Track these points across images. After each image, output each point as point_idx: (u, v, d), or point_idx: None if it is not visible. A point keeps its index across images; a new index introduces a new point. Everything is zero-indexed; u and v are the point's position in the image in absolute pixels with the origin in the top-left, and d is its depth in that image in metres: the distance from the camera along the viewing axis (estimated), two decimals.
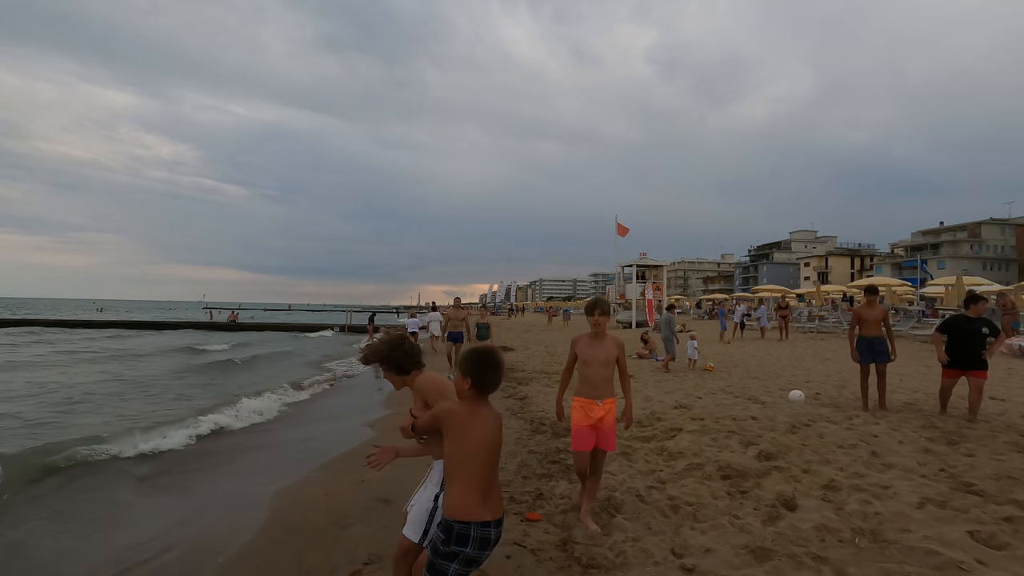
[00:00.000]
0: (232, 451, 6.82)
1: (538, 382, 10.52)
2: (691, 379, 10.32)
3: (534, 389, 9.63)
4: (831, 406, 7.44)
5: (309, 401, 10.38)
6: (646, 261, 33.24)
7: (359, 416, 8.35)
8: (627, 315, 32.45)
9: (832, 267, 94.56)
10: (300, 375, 13.77)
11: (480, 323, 11.98)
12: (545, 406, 7.94)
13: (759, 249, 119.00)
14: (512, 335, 26.13)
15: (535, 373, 11.84)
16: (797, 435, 5.77)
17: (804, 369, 11.64)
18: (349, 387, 12.41)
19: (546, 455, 5.43)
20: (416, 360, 2.58)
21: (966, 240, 79.94)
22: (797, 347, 16.37)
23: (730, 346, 18.01)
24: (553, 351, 17.00)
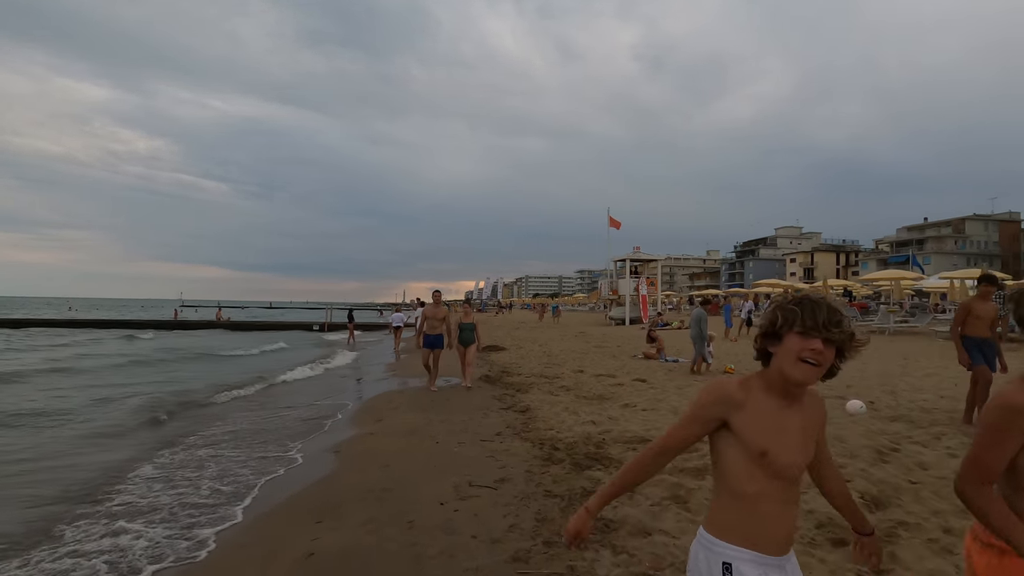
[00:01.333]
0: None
1: (539, 389, 9.11)
2: None
3: (536, 398, 8.22)
4: (901, 420, 6.15)
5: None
6: (639, 255, 32.03)
7: (326, 436, 6.86)
8: (620, 311, 31.22)
9: (818, 263, 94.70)
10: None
11: (464, 323, 9.56)
12: (554, 422, 6.53)
13: (745, 245, 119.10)
14: (502, 333, 24.69)
15: (534, 378, 10.41)
16: (892, 466, 4.44)
17: None
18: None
19: (570, 499, 4.02)
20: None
21: (950, 236, 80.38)
22: None
23: (737, 344, 16.80)
24: (549, 350, 15.61)
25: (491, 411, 7.46)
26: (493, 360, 13.78)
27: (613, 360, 12.86)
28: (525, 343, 18.70)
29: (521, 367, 12.16)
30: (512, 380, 10.14)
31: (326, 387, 11.26)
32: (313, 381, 12.26)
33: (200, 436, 6.82)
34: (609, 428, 6.09)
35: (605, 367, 11.59)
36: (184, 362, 16.57)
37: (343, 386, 11.34)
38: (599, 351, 15.05)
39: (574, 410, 7.22)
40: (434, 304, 9.68)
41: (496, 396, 8.60)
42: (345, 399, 9.48)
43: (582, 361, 12.82)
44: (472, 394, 8.83)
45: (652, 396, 8.05)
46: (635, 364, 12.04)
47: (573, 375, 10.55)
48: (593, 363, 12.40)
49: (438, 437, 5.99)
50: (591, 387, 9.05)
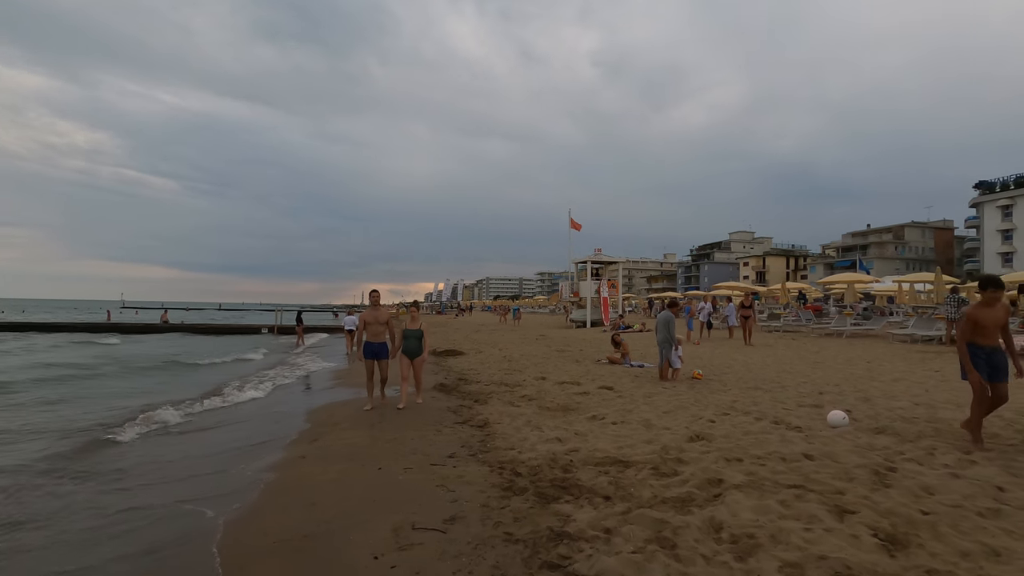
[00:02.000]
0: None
1: (499, 399, 8.38)
2: (685, 392, 8.49)
3: (496, 410, 7.49)
4: (886, 432, 5.72)
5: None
6: (600, 257, 31.75)
7: (249, 459, 5.91)
8: (581, 313, 30.86)
9: (769, 266, 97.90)
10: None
11: (409, 330, 8.02)
12: (516, 439, 5.81)
13: (700, 249, 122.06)
14: (460, 336, 23.87)
15: (493, 386, 9.68)
16: (897, 491, 3.93)
17: (801, 375, 10.10)
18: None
19: (535, 546, 3.29)
20: None
21: (891, 241, 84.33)
22: (776, 348, 15.03)
23: (700, 348, 16.56)
24: (509, 355, 14.91)
25: (445, 426, 6.68)
26: (450, 366, 12.97)
27: (576, 365, 12.27)
28: (484, 347, 17.95)
29: (480, 374, 11.41)
30: (470, 389, 9.38)
31: (264, 398, 10.20)
32: (249, 390, 11.15)
33: (100, 479, 5.76)
34: (577, 446, 5.42)
35: (569, 373, 10.97)
36: (114, 377, 15.00)
37: (282, 398, 10.31)
38: (561, 356, 14.46)
39: (537, 424, 6.53)
40: (373, 307, 8.11)
41: (452, 408, 7.81)
42: (281, 412, 8.50)
43: (544, 367, 12.18)
44: (425, 406, 8.02)
45: (620, 406, 7.44)
46: (599, 370, 11.48)
47: (535, 383, 9.88)
48: (556, 369, 11.77)
49: (382, 461, 5.18)
50: (555, 396, 8.39)
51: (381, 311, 8.06)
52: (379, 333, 7.94)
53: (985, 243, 69.56)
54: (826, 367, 11.16)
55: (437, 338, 22.73)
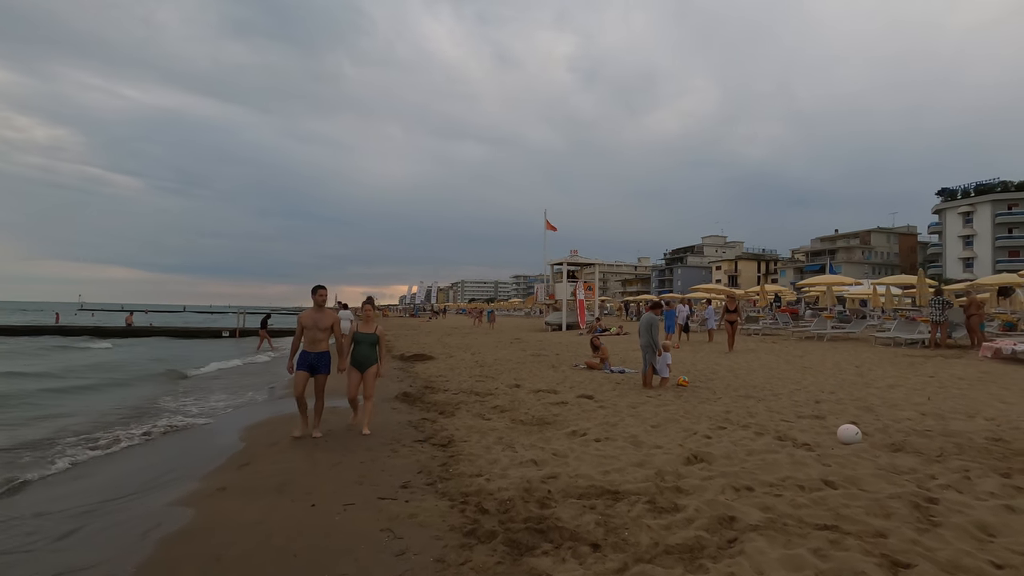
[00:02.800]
0: None
1: (468, 410, 7.48)
2: (672, 402, 7.74)
3: (463, 424, 6.60)
4: (905, 450, 5.03)
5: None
6: (576, 259, 31.12)
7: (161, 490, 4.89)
8: (557, 316, 30.16)
9: (741, 270, 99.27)
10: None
11: (361, 334, 6.48)
12: (484, 462, 4.93)
13: (674, 253, 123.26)
14: (432, 339, 22.88)
15: (463, 395, 8.77)
16: (950, 532, 3.19)
17: (791, 381, 9.48)
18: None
19: None
20: None
21: (858, 246, 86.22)
22: (759, 353, 14.48)
23: (680, 351, 15.94)
24: (482, 360, 14.01)
25: (403, 445, 5.76)
26: (417, 372, 12.01)
27: (553, 372, 11.45)
28: (456, 351, 17.02)
29: (448, 380, 10.49)
30: (436, 399, 8.46)
31: (201, 412, 9.10)
32: (185, 402, 10.00)
33: None
34: (555, 471, 4.58)
35: (545, 380, 10.15)
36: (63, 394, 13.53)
37: (221, 410, 9.21)
38: (537, 361, 13.63)
39: (510, 442, 5.67)
40: (315, 309, 6.26)
41: (413, 422, 6.89)
42: (216, 429, 7.45)
43: (518, 373, 11.33)
44: (383, 419, 7.07)
45: (603, 419, 6.63)
46: (577, 376, 10.68)
47: (508, 391, 9.02)
48: (531, 375, 10.93)
49: (317, 494, 4.23)
50: (530, 407, 7.54)
51: (325, 314, 6.28)
52: (319, 340, 6.21)
53: (947, 248, 71.63)
54: (815, 372, 10.58)
55: (406, 342, 21.70)
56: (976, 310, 13.21)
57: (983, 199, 67.46)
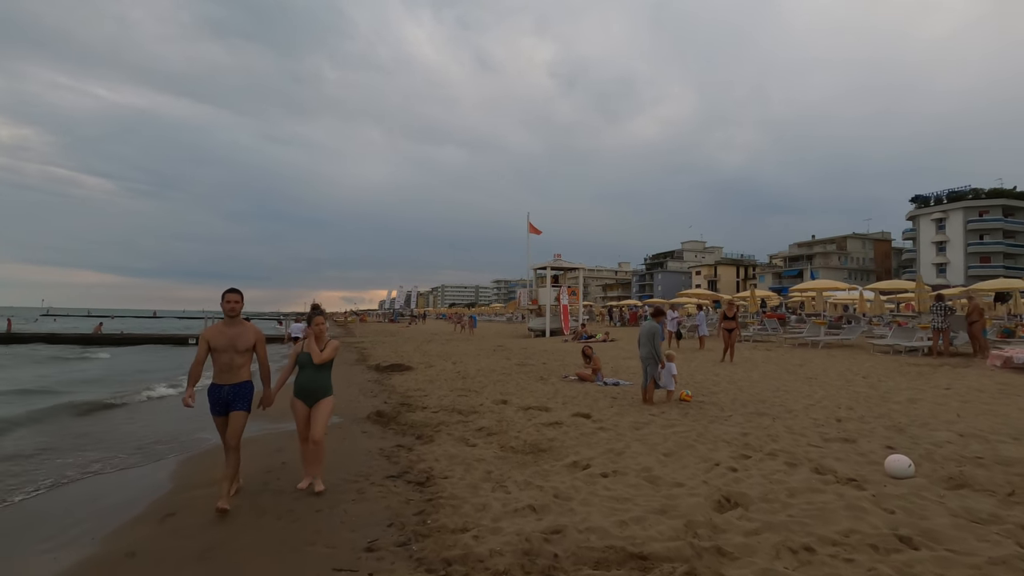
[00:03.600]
0: None
1: (449, 434, 6.53)
2: (679, 420, 6.90)
3: (445, 453, 5.65)
4: (970, 486, 4.25)
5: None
6: (560, 263, 30.32)
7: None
8: (540, 322, 29.31)
9: (721, 275, 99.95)
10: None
11: (305, 355, 4.76)
12: (471, 510, 3.99)
13: (654, 258, 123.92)
14: (411, 347, 21.80)
15: (444, 413, 7.81)
16: None
17: (800, 394, 8.75)
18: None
19: None
20: None
21: (835, 252, 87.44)
22: (755, 361, 13.78)
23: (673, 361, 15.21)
24: (464, 370, 13.04)
25: (372, 483, 4.79)
26: (393, 385, 10.99)
27: (542, 384, 10.56)
28: (436, 360, 16.01)
29: (428, 395, 9.51)
30: (413, 418, 7.48)
31: (139, 438, 7.97)
32: (120, 426, 8.85)
33: None
34: (560, 522, 3.68)
35: (534, 395, 9.25)
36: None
37: (163, 437, 8.08)
38: (523, 371, 12.73)
39: (500, 478, 4.75)
40: (227, 322, 4.41)
41: (386, 450, 5.91)
42: (147, 461, 6.36)
43: (505, 385, 10.41)
44: (351, 446, 6.10)
45: (606, 445, 5.75)
46: (569, 389, 9.81)
47: (495, 408, 8.09)
48: (518, 388, 10.02)
49: (252, 565, 3.26)
50: (520, 429, 6.63)
51: (243, 329, 4.42)
52: (236, 368, 4.34)
53: (921, 254, 72.83)
54: (823, 384, 9.88)
55: (383, 350, 20.61)
56: (978, 316, 12.73)
57: (955, 206, 68.81)
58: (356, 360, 17.06)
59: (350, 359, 17.53)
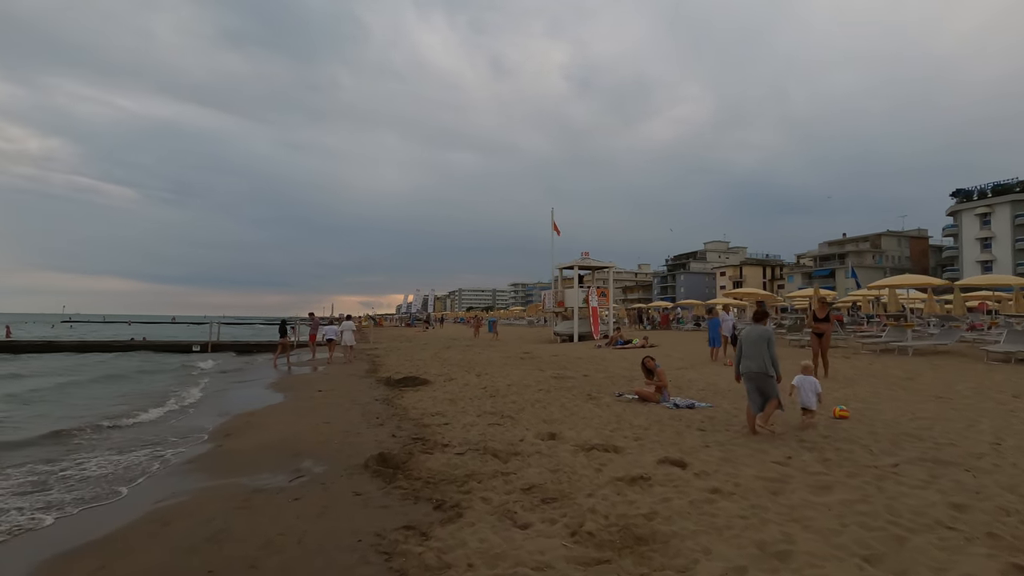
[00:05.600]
0: None
1: (484, 500, 4.28)
2: (820, 469, 4.59)
3: (481, 545, 3.43)
4: None
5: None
6: (588, 262, 27.95)
7: None
8: (567, 326, 26.99)
9: (746, 276, 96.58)
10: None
11: None
12: None
13: (676, 259, 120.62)
14: (428, 354, 19.62)
15: (472, 456, 5.56)
16: None
17: (958, 427, 6.37)
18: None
19: None
20: None
21: (869, 250, 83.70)
22: (845, 372, 11.27)
23: (731, 368, 12.83)
24: (492, 385, 10.78)
25: None
26: (405, 407, 8.78)
27: (593, 405, 8.29)
28: (456, 370, 13.82)
29: (449, 424, 7.29)
30: (430, 466, 5.25)
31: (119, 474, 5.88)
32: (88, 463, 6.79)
33: None
34: None
35: (590, 423, 6.99)
36: None
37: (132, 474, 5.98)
38: (563, 386, 10.47)
39: None
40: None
41: (385, 540, 3.68)
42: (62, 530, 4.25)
43: (547, 408, 8.16)
44: (332, 526, 3.92)
45: (747, 532, 3.48)
46: (632, 414, 7.54)
47: (543, 446, 5.85)
48: (566, 412, 7.77)
49: None
50: (592, 490, 4.38)
51: None
52: None
53: (964, 251, 68.86)
54: (964, 405, 7.47)
55: (397, 358, 18.49)
56: None
57: (1001, 200, 64.83)
58: (366, 371, 14.94)
59: (360, 370, 15.43)
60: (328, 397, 10.27)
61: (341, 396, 10.29)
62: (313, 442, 6.47)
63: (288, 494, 4.57)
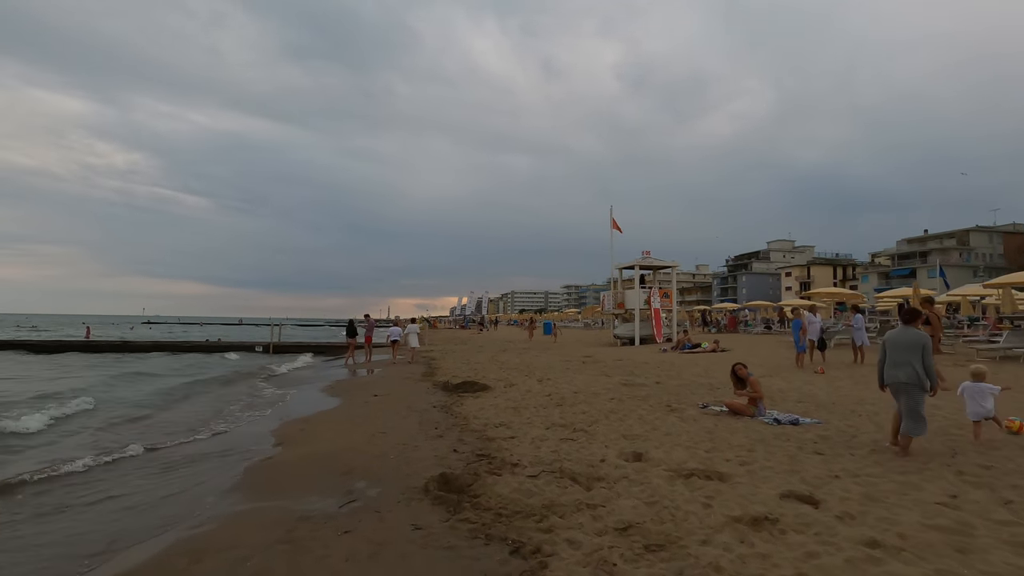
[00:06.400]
0: None
1: (573, 542, 3.45)
2: (1005, 514, 3.49)
3: None
4: None
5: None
6: (650, 261, 26.57)
7: None
8: (627, 328, 25.75)
9: (815, 277, 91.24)
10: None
11: None
12: None
13: (737, 259, 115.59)
14: (485, 357, 19.00)
15: (548, 476, 4.72)
16: None
17: None
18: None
19: None
20: None
21: (955, 248, 77.30)
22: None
23: (824, 376, 11.44)
24: (557, 392, 9.92)
25: None
26: (466, 416, 8.07)
27: (677, 418, 7.30)
28: (516, 375, 13.06)
29: (516, 436, 6.50)
30: (500, 491, 4.47)
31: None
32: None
33: None
34: None
35: (678, 440, 6.03)
36: None
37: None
38: (634, 393, 9.49)
39: None
40: None
41: None
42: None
43: (625, 420, 7.23)
44: (394, 563, 3.21)
45: None
46: (726, 430, 6.51)
47: (628, 468, 4.97)
48: (647, 426, 6.82)
49: None
50: (706, 535, 3.46)
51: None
52: None
53: None
54: None
55: (454, 360, 17.95)
56: None
57: None
58: (423, 375, 14.44)
59: (416, 373, 14.96)
60: (384, 403, 9.74)
61: (397, 402, 9.74)
62: (368, 456, 5.85)
63: (338, 525, 3.91)
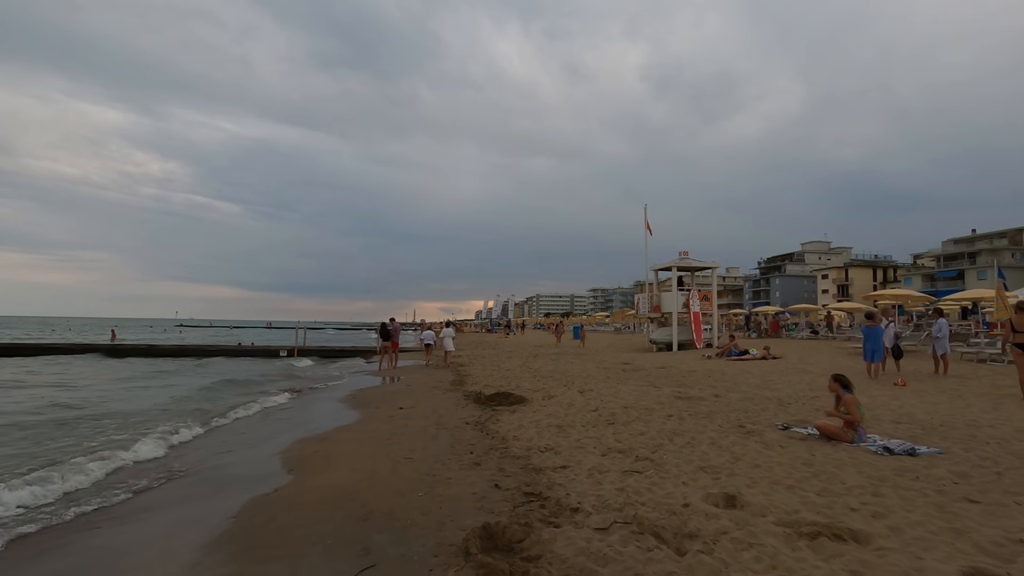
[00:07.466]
0: None
1: None
2: None
3: None
4: None
5: None
6: (688, 262, 25.16)
7: None
8: (665, 333, 24.39)
9: (853, 279, 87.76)
10: None
11: None
12: None
13: (770, 261, 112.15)
14: (516, 364, 17.89)
15: (622, 530, 3.63)
16: None
17: None
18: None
19: None
20: None
21: (1007, 248, 73.26)
22: None
23: (907, 389, 10.03)
24: (604, 407, 8.77)
25: None
26: (504, 436, 6.97)
27: (757, 443, 6.08)
28: (554, 385, 11.93)
29: (569, 468, 5.38)
30: (564, 556, 3.35)
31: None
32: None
33: None
34: None
35: (768, 474, 4.83)
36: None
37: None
38: (694, 409, 8.28)
39: None
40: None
41: None
42: None
43: (694, 446, 6.04)
44: None
45: None
46: (823, 459, 5.29)
47: (725, 520, 3.82)
48: (725, 455, 5.63)
49: None
50: None
51: None
52: None
53: None
54: None
55: (484, 367, 16.91)
56: None
57: None
58: (452, 383, 13.42)
59: (445, 381, 13.94)
60: (410, 418, 8.73)
61: (425, 417, 8.72)
62: (391, 492, 4.80)
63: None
